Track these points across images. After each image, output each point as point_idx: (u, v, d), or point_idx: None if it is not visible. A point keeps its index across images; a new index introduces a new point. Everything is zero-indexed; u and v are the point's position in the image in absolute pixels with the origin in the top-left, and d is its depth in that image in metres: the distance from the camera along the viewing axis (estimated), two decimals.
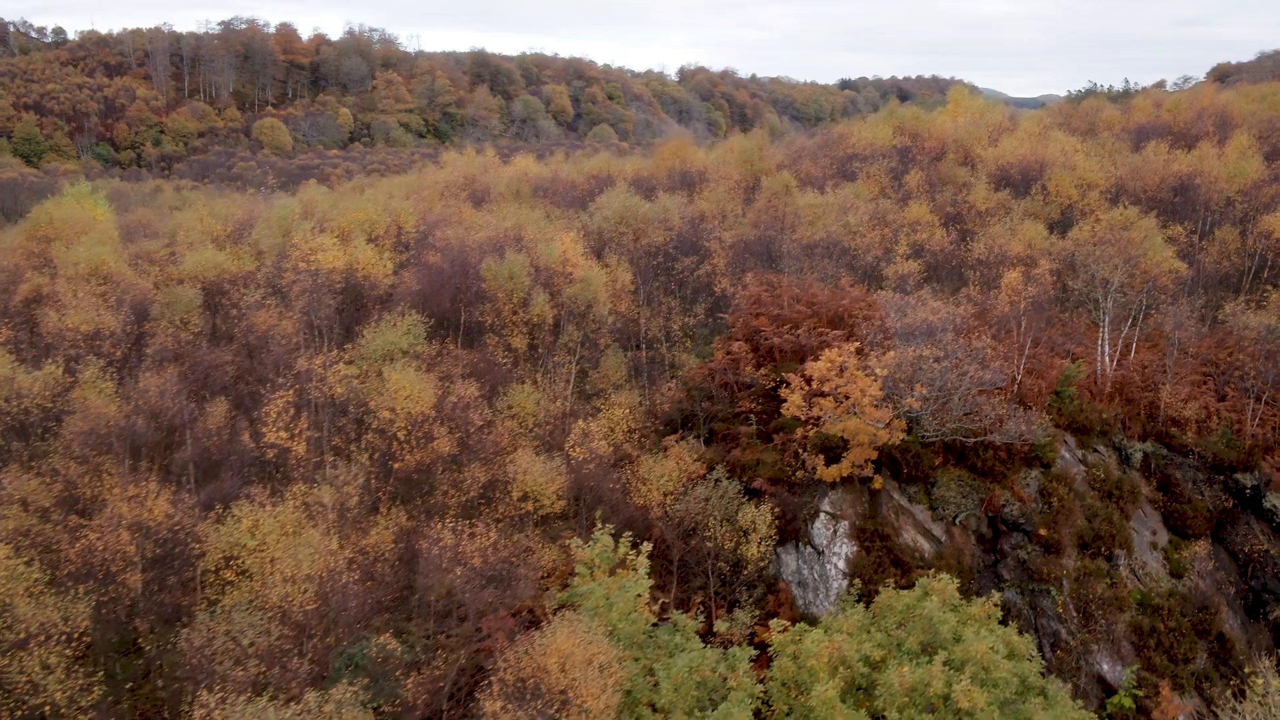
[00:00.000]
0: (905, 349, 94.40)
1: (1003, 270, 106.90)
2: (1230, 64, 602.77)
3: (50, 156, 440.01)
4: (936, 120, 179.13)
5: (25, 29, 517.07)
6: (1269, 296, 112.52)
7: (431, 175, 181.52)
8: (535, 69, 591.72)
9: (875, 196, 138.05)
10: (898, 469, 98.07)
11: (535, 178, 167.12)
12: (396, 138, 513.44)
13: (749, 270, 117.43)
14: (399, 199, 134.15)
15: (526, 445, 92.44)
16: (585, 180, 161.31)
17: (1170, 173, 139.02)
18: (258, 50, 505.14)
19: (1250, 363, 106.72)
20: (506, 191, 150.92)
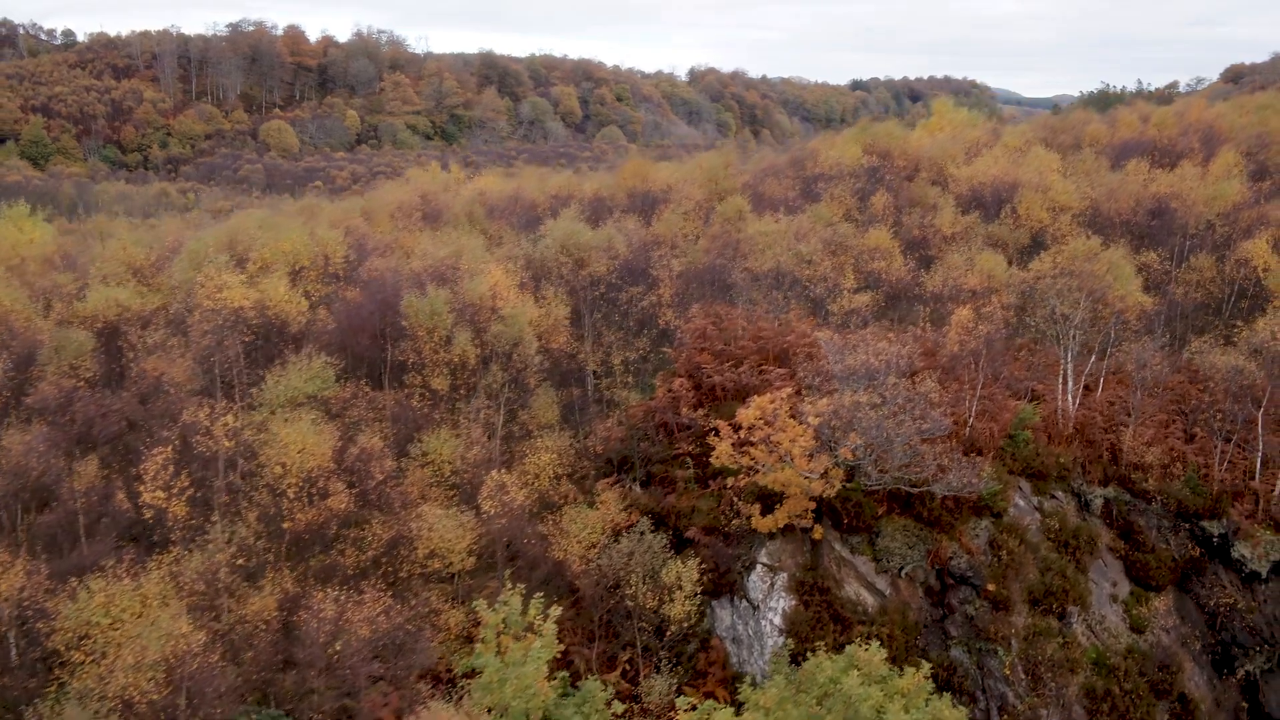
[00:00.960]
0: (843, 394, 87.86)
1: (954, 306, 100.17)
2: (1244, 65, 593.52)
3: (57, 159, 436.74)
4: (911, 137, 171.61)
5: (35, 31, 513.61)
6: (1238, 332, 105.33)
7: (388, 194, 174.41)
8: (544, 70, 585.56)
9: (838, 220, 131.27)
10: (839, 519, 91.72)
11: (497, 196, 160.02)
12: (403, 140, 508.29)
13: (698, 301, 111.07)
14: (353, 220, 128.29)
15: (440, 497, 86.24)
16: (546, 199, 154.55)
17: (1148, 194, 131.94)
18: (265, 52, 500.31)
19: (1218, 403, 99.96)
20: (461, 213, 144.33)
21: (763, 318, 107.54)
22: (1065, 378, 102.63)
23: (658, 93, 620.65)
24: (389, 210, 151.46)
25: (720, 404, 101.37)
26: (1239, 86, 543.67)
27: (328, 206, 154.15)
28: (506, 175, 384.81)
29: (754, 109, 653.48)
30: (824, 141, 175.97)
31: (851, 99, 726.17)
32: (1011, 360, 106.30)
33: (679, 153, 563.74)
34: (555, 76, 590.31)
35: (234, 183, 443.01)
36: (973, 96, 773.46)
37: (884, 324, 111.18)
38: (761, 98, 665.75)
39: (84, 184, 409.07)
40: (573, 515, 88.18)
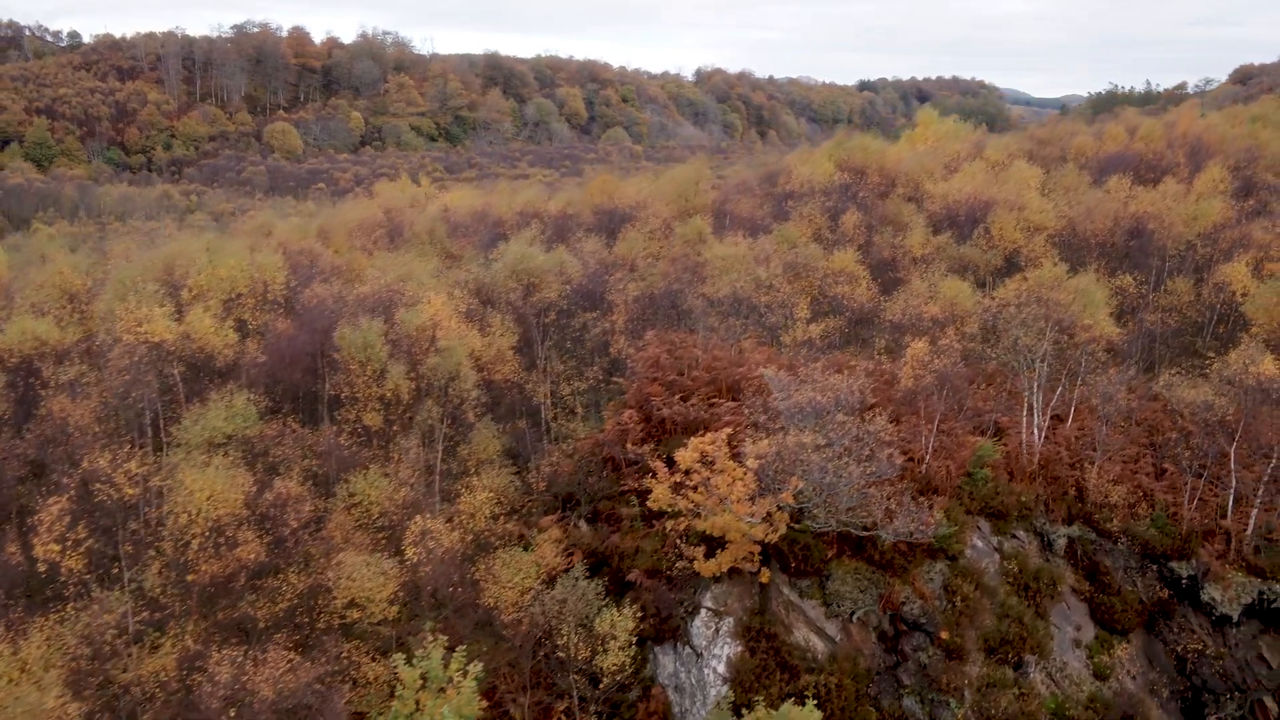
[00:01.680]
0: (787, 433, 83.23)
1: (912, 337, 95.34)
2: (1253, 65, 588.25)
3: (61, 161, 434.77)
4: (890, 150, 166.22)
5: (40, 33, 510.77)
6: (1210, 363, 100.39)
7: (352, 210, 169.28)
8: (549, 71, 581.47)
9: (806, 240, 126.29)
10: (787, 561, 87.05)
11: (464, 212, 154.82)
12: (407, 141, 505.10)
13: (654, 327, 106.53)
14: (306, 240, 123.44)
15: (366, 542, 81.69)
16: (514, 216, 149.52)
17: (1127, 214, 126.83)
18: (269, 54, 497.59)
19: (1189, 438, 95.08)
20: (423, 231, 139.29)
21: (719, 346, 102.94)
22: (1030, 411, 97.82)
23: (663, 94, 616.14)
24: (349, 229, 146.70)
25: (670, 438, 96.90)
26: (1247, 87, 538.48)
27: (282, 226, 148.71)
28: (479, 188, 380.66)
29: (761, 110, 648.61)
30: (799, 156, 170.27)
31: (859, 99, 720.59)
32: (975, 392, 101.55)
33: (684, 154, 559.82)
34: (560, 78, 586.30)
35: (237, 185, 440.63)
36: (980, 97, 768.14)
37: (850, 351, 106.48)
38: (768, 99, 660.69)
39: (86, 186, 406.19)
40: (506, 559, 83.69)
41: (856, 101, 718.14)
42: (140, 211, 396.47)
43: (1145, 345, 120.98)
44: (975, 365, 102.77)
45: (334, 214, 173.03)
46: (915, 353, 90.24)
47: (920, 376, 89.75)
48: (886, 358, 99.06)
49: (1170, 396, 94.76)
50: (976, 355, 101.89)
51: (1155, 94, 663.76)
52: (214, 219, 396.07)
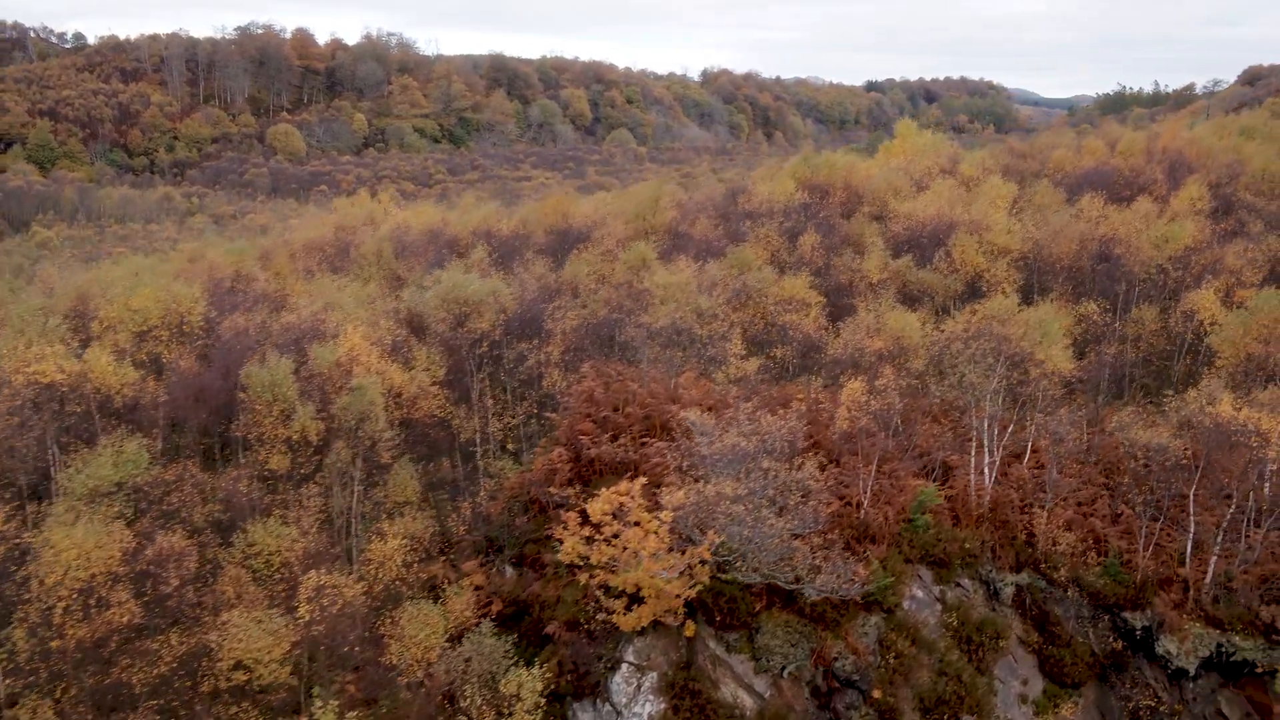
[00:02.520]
0: (708, 482, 77.82)
1: (850, 375, 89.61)
2: (1262, 66, 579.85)
3: (63, 163, 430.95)
4: (859, 166, 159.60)
5: (45, 35, 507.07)
6: (1168, 401, 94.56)
7: (301, 230, 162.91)
8: (554, 73, 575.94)
9: (762, 264, 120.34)
10: (712, 614, 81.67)
11: (422, 229, 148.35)
12: (411, 143, 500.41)
13: (592, 358, 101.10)
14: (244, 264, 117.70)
15: (261, 597, 76.36)
16: (468, 235, 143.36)
17: (1094, 236, 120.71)
18: (273, 55, 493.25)
19: (1144, 480, 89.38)
20: (370, 252, 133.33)
21: (657, 380, 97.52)
22: (979, 451, 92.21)
23: (669, 95, 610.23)
24: (295, 250, 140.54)
25: (600, 479, 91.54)
26: (1255, 89, 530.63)
27: (221, 247, 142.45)
28: (443, 202, 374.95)
29: (767, 111, 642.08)
30: (764, 172, 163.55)
31: (865, 100, 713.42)
32: (923, 429, 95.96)
33: (689, 155, 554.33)
34: (565, 79, 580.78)
35: (239, 187, 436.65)
36: (989, 98, 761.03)
37: (800, 383, 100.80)
38: (775, 99, 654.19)
39: (86, 189, 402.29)
40: (413, 613, 78.42)
41: (864, 102, 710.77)
42: (140, 214, 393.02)
43: (1114, 375, 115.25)
44: (923, 401, 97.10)
45: (284, 232, 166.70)
46: (851, 393, 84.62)
47: (856, 418, 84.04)
48: (827, 395, 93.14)
49: (1124, 438, 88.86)
50: (924, 391, 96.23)
51: (1164, 95, 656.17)
52: (214, 221, 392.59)
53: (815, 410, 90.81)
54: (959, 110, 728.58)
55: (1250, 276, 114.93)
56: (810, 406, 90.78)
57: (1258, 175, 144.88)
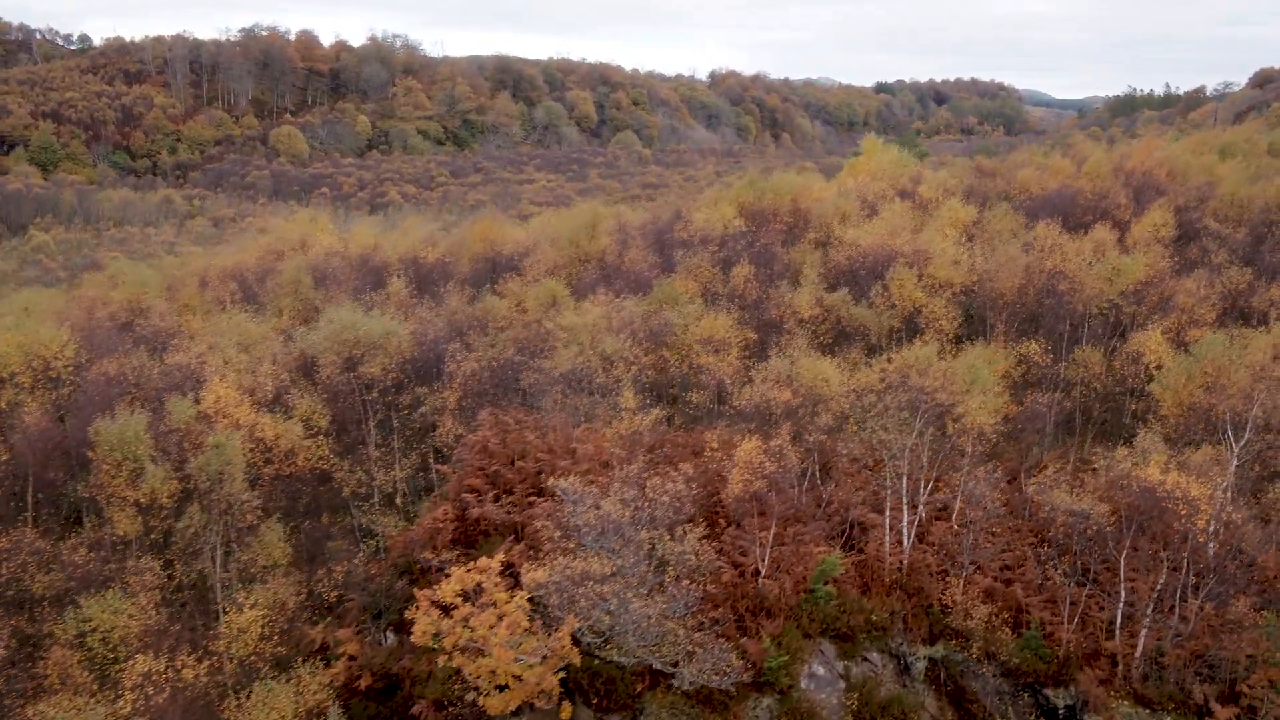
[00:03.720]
0: (576, 558, 70.37)
1: (747, 434, 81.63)
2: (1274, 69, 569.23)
3: (66, 165, 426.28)
4: (812, 187, 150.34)
5: (51, 36, 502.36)
6: (1096, 459, 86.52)
7: (225, 255, 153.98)
8: (559, 74, 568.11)
9: (692, 298, 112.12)
10: (589, 696, 74.42)
11: (354, 254, 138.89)
12: (414, 145, 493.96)
13: (493, 405, 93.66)
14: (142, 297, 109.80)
15: (89, 681, 69.08)
16: (398, 261, 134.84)
17: (1043, 269, 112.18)
18: (277, 57, 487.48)
19: (1066, 547, 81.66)
20: (287, 281, 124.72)
21: (557, 431, 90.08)
22: (895, 511, 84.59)
23: (676, 96, 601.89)
24: (206, 278, 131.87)
25: (487, 540, 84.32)
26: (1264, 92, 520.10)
27: (126, 272, 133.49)
28: (387, 222, 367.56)
29: (774, 112, 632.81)
30: (710, 196, 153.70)
31: (874, 101, 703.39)
32: (839, 485, 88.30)
33: (693, 157, 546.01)
34: (571, 80, 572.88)
35: (241, 189, 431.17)
36: (999, 99, 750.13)
37: (717, 430, 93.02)
38: (782, 101, 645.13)
39: (85, 192, 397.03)
40: (262, 695, 71.12)
41: (872, 104, 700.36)
42: (140, 217, 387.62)
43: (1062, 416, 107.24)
44: (840, 455, 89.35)
45: (208, 257, 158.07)
46: (744, 455, 76.96)
47: (749, 482, 76.44)
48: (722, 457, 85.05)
49: (1045, 500, 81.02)
50: (843, 441, 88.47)
51: (1174, 97, 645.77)
52: (214, 224, 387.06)
53: (719, 466, 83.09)
54: (969, 112, 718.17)
55: (1204, 314, 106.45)
56: (710, 463, 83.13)
57: (1226, 200, 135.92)
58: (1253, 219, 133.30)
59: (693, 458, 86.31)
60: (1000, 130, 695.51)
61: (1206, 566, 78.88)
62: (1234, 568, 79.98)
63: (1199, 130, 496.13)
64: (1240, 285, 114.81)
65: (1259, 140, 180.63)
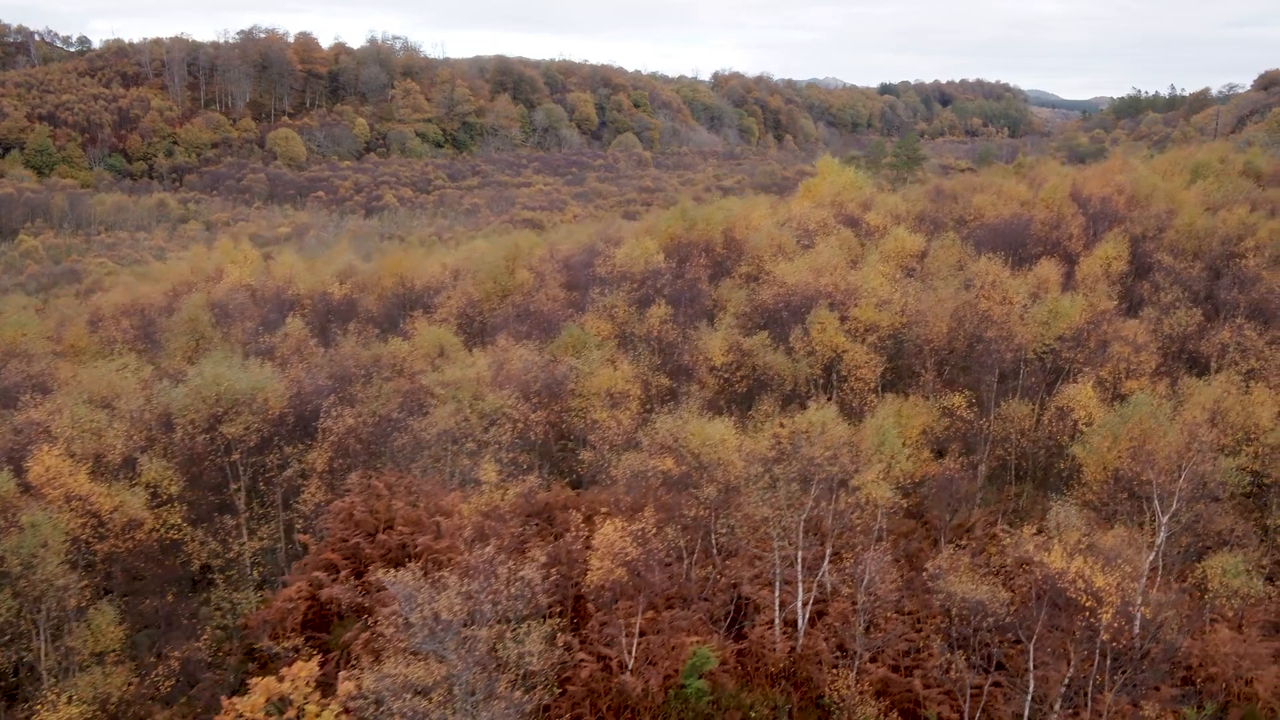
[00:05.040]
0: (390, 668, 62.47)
1: (617, 510, 73.55)
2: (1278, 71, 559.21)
3: (62, 168, 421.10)
4: (752, 215, 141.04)
5: (50, 38, 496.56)
6: (1007, 536, 78.28)
7: (125, 291, 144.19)
8: (560, 76, 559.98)
9: (605, 342, 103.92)
10: None
11: (267, 289, 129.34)
12: (412, 148, 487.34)
13: (366, 467, 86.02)
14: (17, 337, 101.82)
15: None
16: (310, 293, 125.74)
17: (973, 312, 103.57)
18: (275, 59, 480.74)
19: (965, 638, 73.57)
20: (184, 319, 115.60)
21: (430, 496, 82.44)
22: (785, 593, 76.73)
23: (678, 98, 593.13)
24: (98, 315, 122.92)
25: (341, 623, 76.68)
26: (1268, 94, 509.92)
27: (5, 311, 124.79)
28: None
29: (778, 114, 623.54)
30: (644, 226, 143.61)
31: (878, 103, 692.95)
32: (728, 560, 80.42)
33: (694, 160, 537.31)
34: (572, 82, 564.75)
35: (237, 192, 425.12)
36: (1004, 101, 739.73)
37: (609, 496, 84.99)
38: (785, 103, 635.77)
39: (77, 195, 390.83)
40: None
41: (876, 105, 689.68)
42: (133, 221, 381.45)
43: (994, 470, 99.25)
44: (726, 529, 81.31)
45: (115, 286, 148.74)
46: (604, 539, 69.13)
47: (609, 571, 68.62)
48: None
49: (940, 586, 72.98)
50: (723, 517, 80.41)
51: (1179, 98, 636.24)
52: (207, 228, 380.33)
53: (582, 549, 75.20)
54: (973, 113, 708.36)
55: (1144, 362, 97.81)
56: (575, 542, 75.28)
57: (1183, 231, 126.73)
58: (1212, 251, 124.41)
59: (565, 532, 78.46)
60: (1004, 132, 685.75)
61: (1122, 655, 71.08)
62: (1152, 658, 72.34)
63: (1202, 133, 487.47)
64: (1189, 328, 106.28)
65: (1234, 160, 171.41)
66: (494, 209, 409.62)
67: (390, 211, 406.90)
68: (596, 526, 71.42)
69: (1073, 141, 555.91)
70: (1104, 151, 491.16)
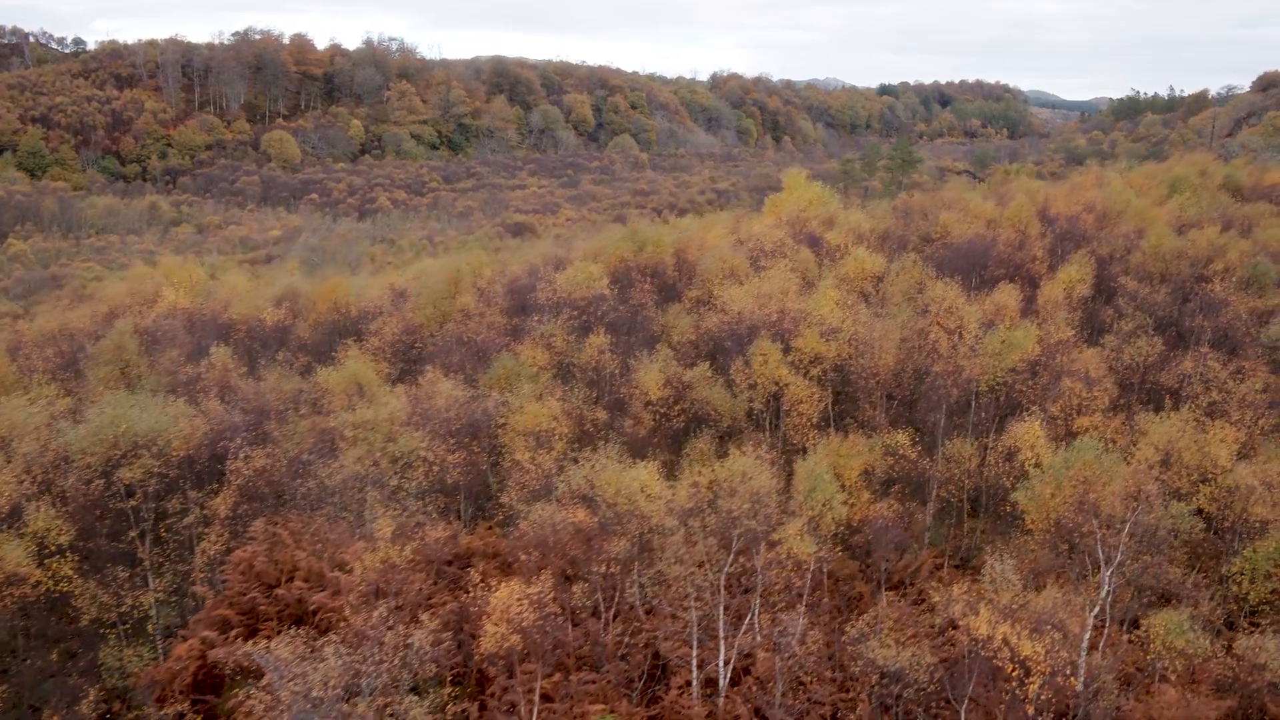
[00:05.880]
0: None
1: (497, 582, 68.32)
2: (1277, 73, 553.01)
3: (55, 171, 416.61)
4: (705, 236, 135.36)
5: (45, 39, 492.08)
6: (929, 595, 73.31)
7: (57, 314, 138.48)
8: (557, 78, 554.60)
9: (541, 372, 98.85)
10: None
11: (204, 313, 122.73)
12: (407, 150, 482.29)
13: (274, 514, 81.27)
14: None
15: None
16: (245, 318, 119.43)
17: (922, 344, 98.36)
18: (270, 61, 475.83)
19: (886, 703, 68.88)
20: (109, 346, 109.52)
21: (338, 546, 77.64)
22: (702, 655, 71.88)
23: (675, 99, 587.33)
24: (29, 341, 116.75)
25: (232, 685, 71.81)
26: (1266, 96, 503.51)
27: None
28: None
29: (776, 115, 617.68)
30: (593, 247, 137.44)
31: (877, 104, 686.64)
32: (644, 622, 75.57)
33: (691, 161, 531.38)
34: (569, 84, 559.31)
35: (230, 195, 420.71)
36: (1003, 102, 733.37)
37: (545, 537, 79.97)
38: (784, 104, 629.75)
39: (68, 199, 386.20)
40: None
41: (875, 106, 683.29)
42: (124, 224, 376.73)
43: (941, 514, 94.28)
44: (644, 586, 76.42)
45: (48, 314, 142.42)
46: (499, 603, 64.37)
47: (503, 637, 63.84)
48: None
49: (859, 651, 68.16)
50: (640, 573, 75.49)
51: (1178, 100, 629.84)
52: (198, 231, 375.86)
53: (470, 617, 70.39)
54: (972, 114, 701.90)
55: (1096, 399, 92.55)
56: (475, 604, 70.48)
57: (1150, 252, 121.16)
58: (1181, 274, 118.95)
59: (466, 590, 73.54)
60: (1004, 133, 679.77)
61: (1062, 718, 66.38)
62: None
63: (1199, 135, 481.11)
64: (1149, 358, 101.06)
65: (1214, 172, 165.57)
66: (487, 212, 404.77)
67: (384, 214, 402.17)
68: (495, 588, 66.65)
69: (1070, 143, 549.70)
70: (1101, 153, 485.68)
